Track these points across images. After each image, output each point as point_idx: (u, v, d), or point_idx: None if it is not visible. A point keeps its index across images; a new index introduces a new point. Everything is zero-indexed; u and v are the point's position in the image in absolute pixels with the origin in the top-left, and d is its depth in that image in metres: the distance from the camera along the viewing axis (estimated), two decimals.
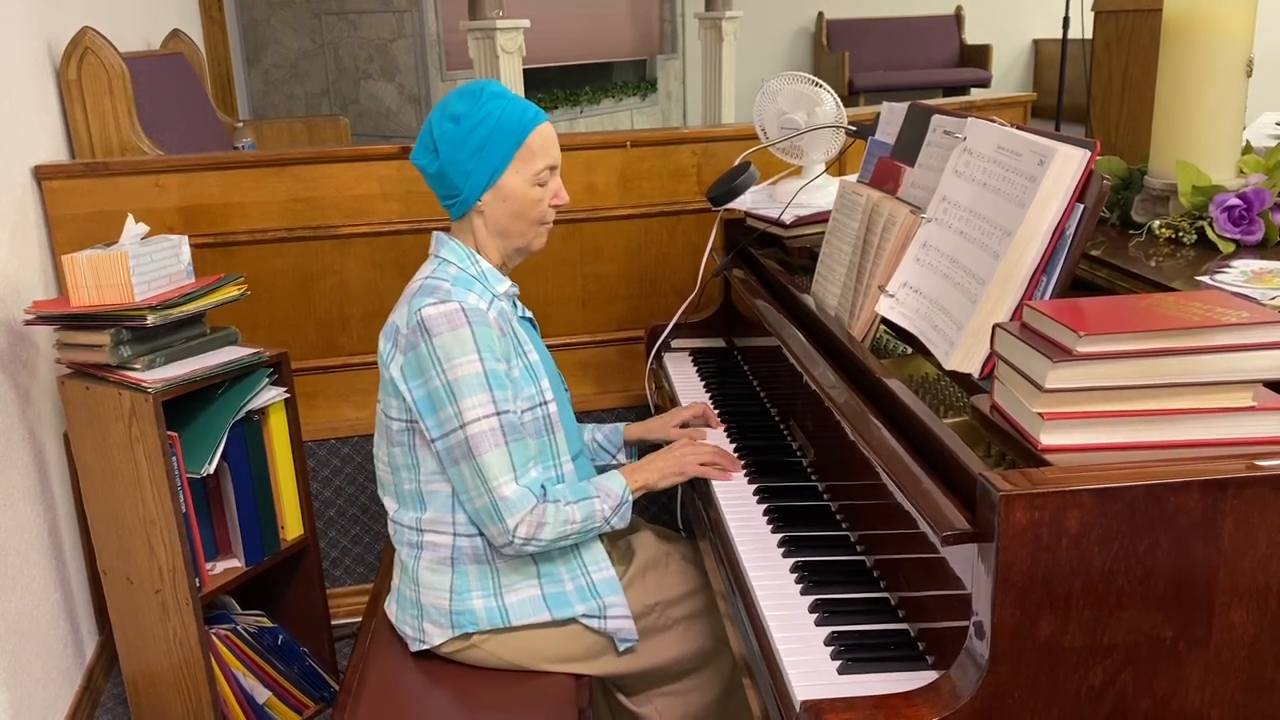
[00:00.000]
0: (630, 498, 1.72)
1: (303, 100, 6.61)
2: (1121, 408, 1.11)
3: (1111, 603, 1.05)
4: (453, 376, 1.60)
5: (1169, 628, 1.06)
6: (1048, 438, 1.12)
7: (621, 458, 2.00)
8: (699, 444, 1.81)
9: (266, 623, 2.34)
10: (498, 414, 1.62)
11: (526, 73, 5.29)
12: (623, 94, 7.78)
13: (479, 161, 1.66)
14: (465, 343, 1.61)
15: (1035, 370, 1.13)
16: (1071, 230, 1.33)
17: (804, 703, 1.14)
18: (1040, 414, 1.12)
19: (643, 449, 2.02)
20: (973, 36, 8.99)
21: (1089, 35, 3.33)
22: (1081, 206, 1.32)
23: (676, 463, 1.76)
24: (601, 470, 1.96)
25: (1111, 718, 1.08)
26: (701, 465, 1.76)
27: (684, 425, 1.98)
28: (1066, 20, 5.19)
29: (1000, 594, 1.04)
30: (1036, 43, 9.00)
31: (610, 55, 7.71)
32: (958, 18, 9.05)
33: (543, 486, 1.66)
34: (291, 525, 2.29)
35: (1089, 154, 1.32)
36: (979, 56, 8.84)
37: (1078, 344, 1.09)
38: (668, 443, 1.97)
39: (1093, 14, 3.27)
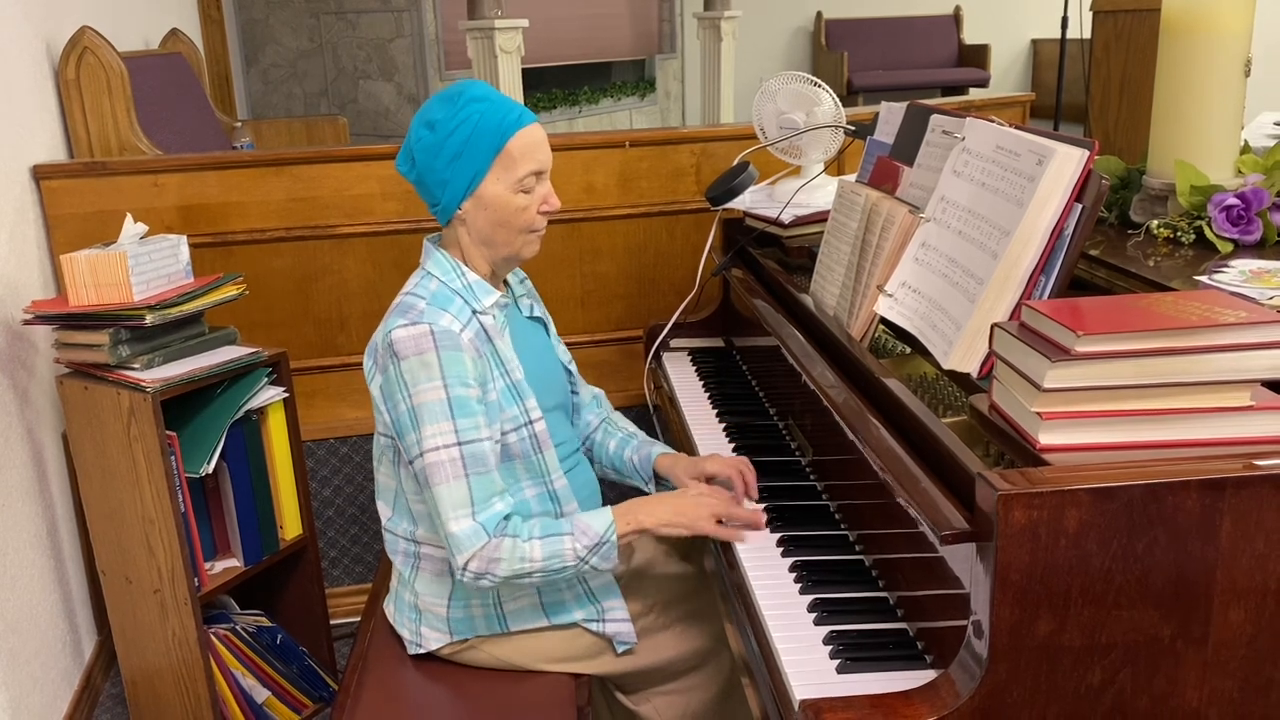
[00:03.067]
0: (613, 538, 1.57)
1: (301, 100, 6.61)
2: (1120, 407, 1.11)
3: (1110, 602, 1.05)
4: (417, 402, 1.55)
5: (1167, 627, 1.06)
6: (1046, 437, 1.12)
7: (652, 489, 1.87)
8: (717, 494, 1.65)
9: (265, 622, 2.34)
10: (459, 444, 1.55)
11: (525, 72, 5.28)
12: (621, 94, 7.78)
13: (455, 169, 1.59)
14: (431, 368, 1.55)
15: (1034, 370, 1.13)
16: (1070, 230, 1.33)
17: (803, 702, 1.15)
18: (1039, 413, 1.12)
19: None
20: (971, 36, 8.98)
21: (1088, 35, 3.33)
22: (1080, 206, 1.33)
23: (688, 516, 1.60)
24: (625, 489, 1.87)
25: (1110, 716, 1.08)
26: (717, 524, 1.59)
27: (711, 479, 1.76)
28: (1065, 20, 5.19)
29: (999, 593, 1.04)
30: (1035, 43, 8.99)
31: (609, 55, 7.70)
32: (956, 18, 9.05)
33: (506, 518, 1.57)
34: (290, 525, 2.29)
35: (1087, 154, 1.32)
36: (977, 56, 8.84)
37: (1076, 343, 1.09)
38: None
39: (1091, 14, 3.27)
